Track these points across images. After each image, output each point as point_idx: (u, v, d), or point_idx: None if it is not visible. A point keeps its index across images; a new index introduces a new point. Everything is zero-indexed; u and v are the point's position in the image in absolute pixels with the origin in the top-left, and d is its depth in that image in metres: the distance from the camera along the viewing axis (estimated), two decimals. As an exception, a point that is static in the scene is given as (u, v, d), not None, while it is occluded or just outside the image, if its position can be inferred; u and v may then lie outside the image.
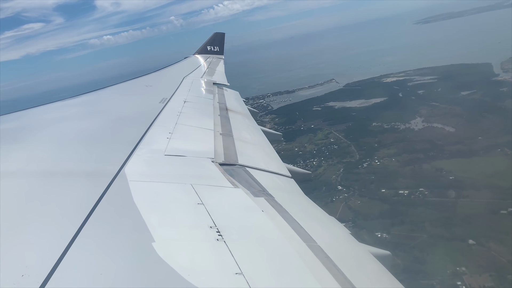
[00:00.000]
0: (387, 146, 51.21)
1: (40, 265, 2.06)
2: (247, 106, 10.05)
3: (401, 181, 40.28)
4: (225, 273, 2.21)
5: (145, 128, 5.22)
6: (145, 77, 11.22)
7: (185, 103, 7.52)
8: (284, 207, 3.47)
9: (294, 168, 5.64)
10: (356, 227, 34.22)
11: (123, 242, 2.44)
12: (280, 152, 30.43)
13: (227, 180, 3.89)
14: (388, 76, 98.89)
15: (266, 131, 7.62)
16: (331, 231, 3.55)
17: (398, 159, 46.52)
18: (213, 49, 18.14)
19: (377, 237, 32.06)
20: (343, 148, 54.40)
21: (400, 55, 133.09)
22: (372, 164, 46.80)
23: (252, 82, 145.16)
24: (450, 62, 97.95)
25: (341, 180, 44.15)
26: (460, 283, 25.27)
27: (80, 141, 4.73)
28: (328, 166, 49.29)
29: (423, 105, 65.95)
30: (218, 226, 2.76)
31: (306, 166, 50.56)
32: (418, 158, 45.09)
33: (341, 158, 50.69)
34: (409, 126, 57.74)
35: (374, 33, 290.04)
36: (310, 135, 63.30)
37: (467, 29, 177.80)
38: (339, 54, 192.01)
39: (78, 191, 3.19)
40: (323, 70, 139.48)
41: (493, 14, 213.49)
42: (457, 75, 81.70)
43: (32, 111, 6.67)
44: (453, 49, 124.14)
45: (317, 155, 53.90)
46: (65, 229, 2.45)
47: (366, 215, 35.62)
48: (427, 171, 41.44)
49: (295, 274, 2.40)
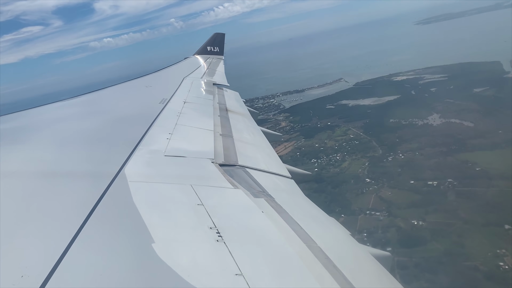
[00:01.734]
0: (409, 141, 52.56)
1: (39, 266, 2.06)
2: (247, 106, 10.10)
3: (429, 173, 41.65)
4: (225, 274, 2.23)
5: (145, 129, 5.24)
6: (145, 78, 11.31)
7: (185, 104, 7.53)
8: (284, 208, 3.50)
9: (294, 169, 5.67)
10: (391, 215, 35.69)
11: (123, 243, 2.45)
12: (301, 148, 33.04)
13: (227, 181, 3.91)
14: (397, 75, 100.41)
15: (266, 132, 7.66)
16: (331, 232, 3.57)
17: (422, 152, 47.90)
18: (213, 49, 18.18)
19: (413, 224, 33.48)
20: (364, 143, 55.70)
21: (406, 55, 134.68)
22: (397, 158, 48.18)
23: (259, 82, 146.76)
24: (458, 61, 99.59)
25: (368, 173, 45.48)
26: (502, 264, 26.69)
27: (80, 142, 4.80)
28: (352, 160, 50.59)
29: (437, 102, 67.25)
30: (218, 227, 2.77)
31: (330, 161, 52.03)
32: (441, 152, 46.46)
33: (364, 152, 52.01)
34: (427, 122, 59.05)
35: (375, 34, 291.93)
36: (328, 131, 64.57)
37: (470, 29, 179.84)
38: (343, 54, 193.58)
39: (78, 191, 3.22)
40: (329, 70, 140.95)
41: (493, 14, 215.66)
42: (467, 73, 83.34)
43: (32, 111, 6.69)
44: (459, 48, 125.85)
45: (339, 150, 55.14)
46: (65, 230, 2.46)
47: (399, 205, 36.97)
48: (452, 163, 42.84)
49: (295, 275, 2.43)
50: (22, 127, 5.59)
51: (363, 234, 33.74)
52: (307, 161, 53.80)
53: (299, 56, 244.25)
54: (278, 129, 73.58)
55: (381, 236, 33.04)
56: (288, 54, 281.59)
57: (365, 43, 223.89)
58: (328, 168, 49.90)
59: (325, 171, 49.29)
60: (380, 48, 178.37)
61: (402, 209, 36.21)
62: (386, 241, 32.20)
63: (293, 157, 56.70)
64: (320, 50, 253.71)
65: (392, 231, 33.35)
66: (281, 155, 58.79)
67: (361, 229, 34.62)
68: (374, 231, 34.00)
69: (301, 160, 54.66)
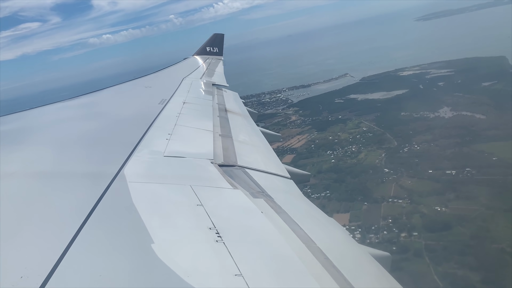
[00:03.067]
0: (422, 133, 53.67)
1: (39, 267, 2.07)
2: (247, 106, 10.15)
3: (446, 163, 42.79)
4: (224, 275, 2.23)
5: (144, 129, 5.27)
6: (144, 78, 11.36)
7: (184, 104, 7.55)
8: (283, 208, 3.52)
9: (293, 169, 5.67)
10: (414, 203, 36.84)
11: (123, 244, 2.46)
12: (315, 141, 34.61)
13: (226, 181, 3.92)
14: (403, 70, 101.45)
15: (265, 132, 7.67)
16: (330, 232, 3.59)
17: (437, 143, 49.03)
18: (212, 50, 18.28)
19: (437, 211, 34.65)
20: (378, 135, 56.76)
21: (410, 51, 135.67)
22: (412, 149, 49.29)
23: (264, 78, 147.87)
24: (462, 56, 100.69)
25: (386, 164, 46.57)
26: (529, 246, 27.86)
27: (79, 142, 4.82)
28: (368, 152, 51.65)
29: (447, 96, 68.29)
30: (217, 227, 2.78)
31: (346, 153, 53.10)
32: (456, 143, 47.59)
33: (380, 144, 53.07)
34: (438, 115, 60.14)
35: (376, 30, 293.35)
36: (340, 125, 65.56)
37: (472, 25, 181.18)
38: (345, 50, 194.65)
39: (77, 192, 3.24)
40: (333, 66, 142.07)
41: (493, 10, 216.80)
42: (473, 68, 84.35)
43: (31, 112, 6.72)
44: (462, 44, 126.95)
45: (354, 142, 56.20)
46: (64, 230, 2.47)
47: (420, 193, 38.09)
48: (468, 153, 43.96)
49: (294, 276, 2.44)
50: (21, 128, 5.60)
51: (388, 220, 34.93)
52: (323, 153, 54.90)
53: (300, 52, 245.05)
54: (289, 122, 74.92)
55: (406, 222, 34.16)
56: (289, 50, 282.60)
57: (367, 40, 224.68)
58: (345, 159, 50.98)
59: (342, 162, 50.39)
60: (383, 44, 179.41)
61: (424, 197, 37.33)
62: (412, 226, 33.34)
63: (308, 149, 57.84)
64: (321, 46, 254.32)
65: (416, 217, 34.48)
66: (295, 147, 60.03)
67: (386, 215, 35.76)
68: (398, 217, 35.12)
69: (317, 152, 55.82)
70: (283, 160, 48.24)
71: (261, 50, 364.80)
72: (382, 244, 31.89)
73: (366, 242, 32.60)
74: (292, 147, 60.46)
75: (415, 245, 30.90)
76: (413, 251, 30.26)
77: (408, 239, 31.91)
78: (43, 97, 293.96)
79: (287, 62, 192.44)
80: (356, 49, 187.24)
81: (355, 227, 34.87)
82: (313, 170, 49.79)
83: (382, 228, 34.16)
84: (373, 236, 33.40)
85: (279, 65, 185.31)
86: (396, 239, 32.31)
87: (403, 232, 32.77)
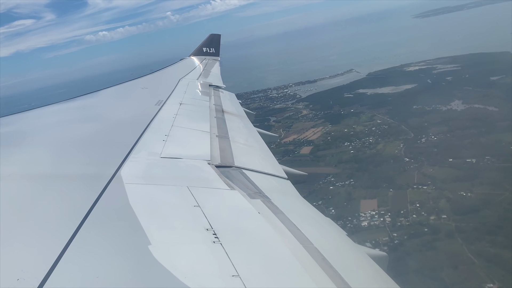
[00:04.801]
0: (437, 124, 55.23)
1: (36, 269, 2.07)
2: (244, 108, 10.16)
3: (465, 152, 44.36)
4: (221, 276, 2.24)
5: (141, 131, 5.27)
6: (140, 79, 11.36)
7: (181, 105, 7.56)
8: (280, 208, 3.54)
9: (290, 170, 5.67)
10: (438, 189, 38.41)
11: (119, 245, 2.46)
12: (330, 133, 36.83)
13: (223, 182, 3.94)
14: (408, 65, 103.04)
15: (262, 133, 7.73)
16: (327, 233, 3.62)
17: (453, 134, 50.60)
18: (209, 50, 18.30)
19: (462, 195, 36.26)
20: (394, 127, 58.21)
21: (413, 47, 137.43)
22: (430, 140, 50.84)
23: (267, 74, 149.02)
24: (467, 51, 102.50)
25: (405, 153, 48.13)
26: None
27: (76, 144, 4.83)
28: (386, 143, 53.14)
29: (456, 90, 69.91)
30: (214, 228, 2.79)
31: (364, 144, 54.56)
32: (472, 133, 49.11)
33: (396, 136, 54.57)
34: (450, 108, 61.72)
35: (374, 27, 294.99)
36: (353, 118, 66.99)
37: (471, 22, 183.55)
38: (346, 47, 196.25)
39: (74, 194, 3.24)
40: (336, 62, 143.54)
41: (491, 8, 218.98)
42: (479, 63, 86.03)
43: (28, 114, 6.71)
44: (465, 40, 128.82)
45: (370, 134, 57.60)
46: (61, 232, 2.47)
47: (443, 180, 39.62)
48: (486, 143, 45.50)
49: (292, 276, 2.45)
50: (17, 130, 5.61)
51: (416, 205, 36.49)
52: (341, 144, 56.36)
53: (300, 49, 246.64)
54: (301, 116, 76.30)
55: (434, 206, 35.73)
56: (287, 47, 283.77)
57: (366, 36, 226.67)
58: (364, 150, 52.46)
59: (361, 152, 51.89)
60: (384, 41, 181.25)
61: (448, 183, 38.86)
62: (440, 210, 34.91)
63: (325, 141, 59.28)
64: (320, 43, 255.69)
65: (443, 202, 36.04)
66: (311, 139, 61.49)
67: (413, 201, 37.31)
68: (425, 202, 36.68)
69: (334, 144, 57.29)
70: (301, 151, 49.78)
71: (260, 47, 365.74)
72: (413, 226, 33.52)
73: (397, 225, 34.25)
74: (308, 139, 61.88)
75: (445, 227, 32.47)
76: (444, 232, 31.86)
77: (438, 221, 33.45)
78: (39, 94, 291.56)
79: (288, 59, 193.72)
80: (357, 45, 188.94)
81: (384, 212, 36.37)
82: (333, 160, 51.41)
83: (410, 212, 35.69)
84: (403, 219, 34.92)
85: (280, 61, 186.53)
86: (426, 221, 33.86)
87: (432, 215, 34.35)
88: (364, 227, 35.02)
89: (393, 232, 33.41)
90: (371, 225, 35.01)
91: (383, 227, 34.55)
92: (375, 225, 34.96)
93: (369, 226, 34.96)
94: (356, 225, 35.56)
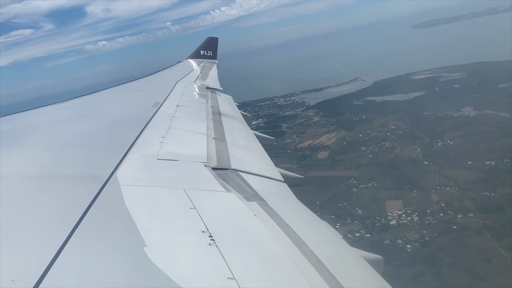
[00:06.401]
0: (451, 130, 56.87)
1: (30, 270, 2.07)
2: (241, 110, 10.21)
3: (483, 155, 45.93)
4: (217, 278, 2.24)
5: (138, 132, 5.26)
6: (137, 81, 11.28)
7: (178, 107, 7.57)
8: (276, 211, 3.54)
9: (287, 173, 5.71)
10: (461, 190, 39.90)
11: (115, 247, 2.48)
12: (346, 139, 39.27)
13: (219, 185, 3.95)
14: (414, 74, 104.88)
15: (259, 136, 7.74)
16: (323, 236, 3.62)
17: (469, 139, 52.25)
18: (206, 53, 18.29)
19: (485, 195, 37.74)
20: (408, 133, 59.80)
21: (416, 56, 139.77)
22: (446, 144, 52.46)
23: (271, 82, 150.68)
24: (471, 60, 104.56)
25: (423, 157, 49.72)
26: None
27: (72, 145, 4.80)
28: (403, 147, 54.69)
29: (465, 97, 71.74)
30: (210, 230, 2.80)
31: (381, 149, 56.11)
32: (487, 138, 50.74)
33: (412, 140, 56.16)
34: (462, 114, 63.39)
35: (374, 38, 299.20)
36: (366, 124, 68.55)
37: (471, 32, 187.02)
38: (348, 56, 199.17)
39: (69, 195, 3.24)
40: (340, 71, 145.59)
41: (489, 18, 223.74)
42: (485, 71, 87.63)
43: (24, 114, 6.64)
44: (467, 49, 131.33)
45: (386, 139, 59.04)
46: (56, 234, 2.47)
47: (465, 181, 41.16)
48: (503, 146, 46.95)
49: (287, 279, 2.46)
50: (13, 130, 5.59)
51: (441, 204, 37.95)
52: (358, 149, 57.86)
53: (301, 58, 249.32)
54: (312, 123, 77.69)
55: (459, 205, 37.20)
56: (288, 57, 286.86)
57: (367, 46, 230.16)
58: (382, 154, 53.98)
59: (380, 156, 53.41)
60: (385, 51, 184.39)
61: (470, 184, 40.40)
62: (465, 209, 36.36)
63: (341, 146, 60.76)
64: (321, 53, 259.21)
65: (467, 201, 37.53)
66: (327, 144, 62.96)
67: (437, 201, 38.79)
68: (450, 201, 38.16)
69: (351, 148, 58.79)
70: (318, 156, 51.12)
71: (260, 57, 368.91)
72: (441, 224, 34.94)
73: (425, 223, 35.62)
74: (324, 144, 63.32)
75: (473, 224, 33.92)
76: (473, 229, 33.30)
77: (465, 219, 34.92)
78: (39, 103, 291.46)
79: (290, 68, 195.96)
80: (359, 55, 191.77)
81: (411, 211, 37.80)
82: (352, 164, 52.84)
83: (437, 211, 37.14)
84: (430, 218, 36.36)
85: (282, 70, 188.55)
86: (453, 220, 35.31)
87: (459, 214, 35.77)
88: (393, 225, 36.38)
89: (423, 229, 34.78)
90: (400, 224, 36.40)
91: (412, 225, 35.94)
92: (403, 224, 36.35)
93: (398, 225, 36.33)
94: (385, 224, 36.92)
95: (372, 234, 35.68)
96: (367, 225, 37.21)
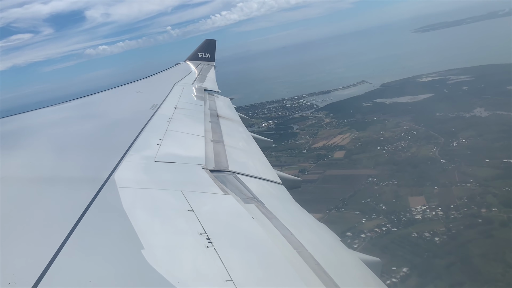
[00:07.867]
0: (465, 129, 58.22)
1: (27, 273, 2.06)
2: (239, 113, 10.20)
3: (499, 153, 47.15)
4: (215, 281, 2.23)
5: (135, 134, 5.26)
6: (135, 83, 11.29)
7: (176, 110, 7.55)
8: (274, 214, 3.54)
9: (285, 175, 5.69)
10: (482, 186, 41.15)
11: (112, 250, 2.47)
12: (360, 139, 41.42)
13: (217, 187, 3.95)
14: (420, 76, 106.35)
15: (257, 138, 7.74)
16: (321, 238, 3.62)
17: (484, 138, 53.57)
18: (205, 56, 18.28)
19: (507, 191, 38.96)
20: (422, 133, 61.10)
21: (420, 60, 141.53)
22: (461, 143, 53.82)
23: (276, 86, 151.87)
24: (477, 63, 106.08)
25: (440, 156, 51.02)
26: None
27: (69, 147, 4.79)
28: (418, 147, 55.95)
29: (475, 98, 73.14)
30: (208, 233, 2.79)
31: (397, 148, 57.39)
32: (502, 137, 51.94)
33: (427, 140, 57.48)
34: (474, 114, 64.85)
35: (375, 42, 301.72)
36: (379, 125, 69.82)
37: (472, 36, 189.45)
38: (351, 60, 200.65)
39: (67, 197, 3.24)
40: (344, 74, 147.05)
41: (489, 23, 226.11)
42: (491, 74, 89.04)
43: (22, 116, 6.63)
44: (471, 53, 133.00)
45: (400, 139, 60.32)
46: (54, 236, 2.46)
47: (484, 178, 42.35)
48: (519, 145, 48.51)
49: (285, 281, 2.44)
50: (11, 132, 5.59)
51: (464, 200, 39.18)
52: (373, 149, 59.15)
53: (304, 62, 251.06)
54: (324, 124, 78.91)
55: (482, 200, 38.43)
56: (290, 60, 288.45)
57: (369, 50, 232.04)
58: (399, 154, 55.24)
59: (397, 155, 54.70)
60: (388, 54, 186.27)
61: (490, 181, 41.59)
62: (488, 204, 37.59)
63: (356, 146, 62.02)
64: (323, 56, 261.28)
65: (489, 197, 38.75)
66: (341, 145, 64.21)
67: (460, 196, 40.03)
68: (472, 197, 39.40)
69: (367, 148, 60.06)
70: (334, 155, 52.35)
71: (260, 61, 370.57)
72: (466, 218, 36.15)
73: (451, 217, 36.84)
74: (338, 144, 64.57)
75: (498, 218, 35.14)
76: (498, 222, 34.52)
77: (489, 213, 36.11)
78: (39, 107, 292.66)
79: (294, 71, 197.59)
80: (362, 59, 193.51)
81: (435, 206, 39.02)
82: (370, 163, 54.09)
83: (460, 206, 38.36)
84: (454, 212, 37.56)
85: (286, 74, 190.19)
86: (478, 214, 36.51)
87: (483, 208, 37.00)
88: (419, 220, 37.57)
89: (449, 223, 36.00)
90: (425, 218, 37.59)
91: (437, 219, 37.14)
92: (428, 218, 37.55)
93: (423, 219, 37.52)
94: (410, 218, 38.11)
95: (399, 228, 36.82)
96: (393, 219, 38.34)
